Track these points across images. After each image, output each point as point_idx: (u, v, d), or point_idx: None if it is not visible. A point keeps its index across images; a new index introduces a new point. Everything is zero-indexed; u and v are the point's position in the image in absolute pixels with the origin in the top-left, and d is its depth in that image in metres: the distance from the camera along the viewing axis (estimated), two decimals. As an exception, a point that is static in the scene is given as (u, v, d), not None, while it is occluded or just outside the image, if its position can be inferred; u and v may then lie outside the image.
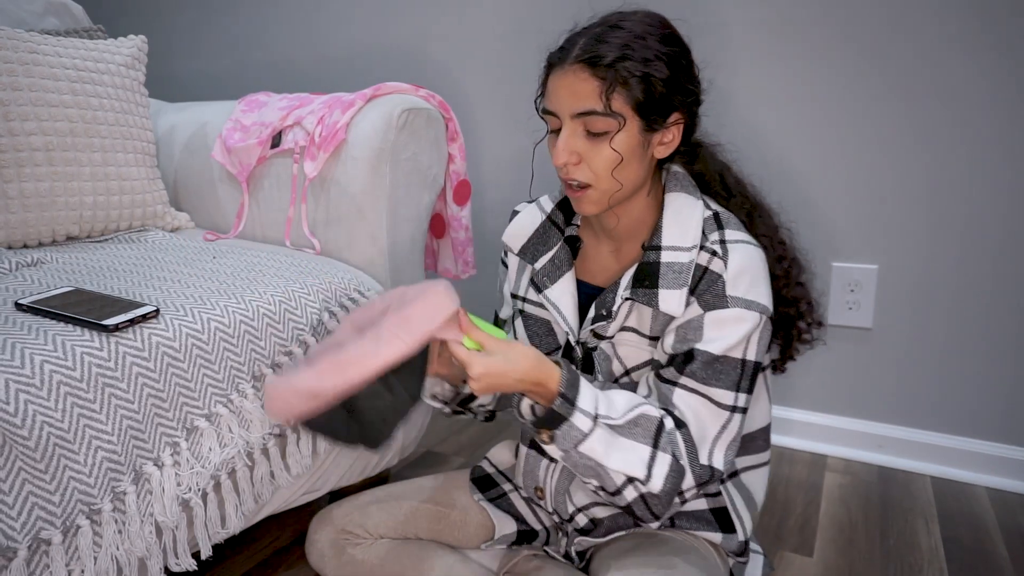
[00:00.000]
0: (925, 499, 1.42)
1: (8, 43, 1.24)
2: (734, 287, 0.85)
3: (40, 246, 1.26)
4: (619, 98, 0.82)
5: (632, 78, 0.81)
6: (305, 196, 1.33)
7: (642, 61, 0.82)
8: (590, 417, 0.80)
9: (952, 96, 1.41)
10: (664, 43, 0.84)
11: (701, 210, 0.90)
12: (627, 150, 0.85)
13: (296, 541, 1.30)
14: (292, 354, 1.03)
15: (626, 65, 0.81)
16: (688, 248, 0.87)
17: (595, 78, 0.82)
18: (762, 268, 0.88)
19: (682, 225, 0.89)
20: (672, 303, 0.86)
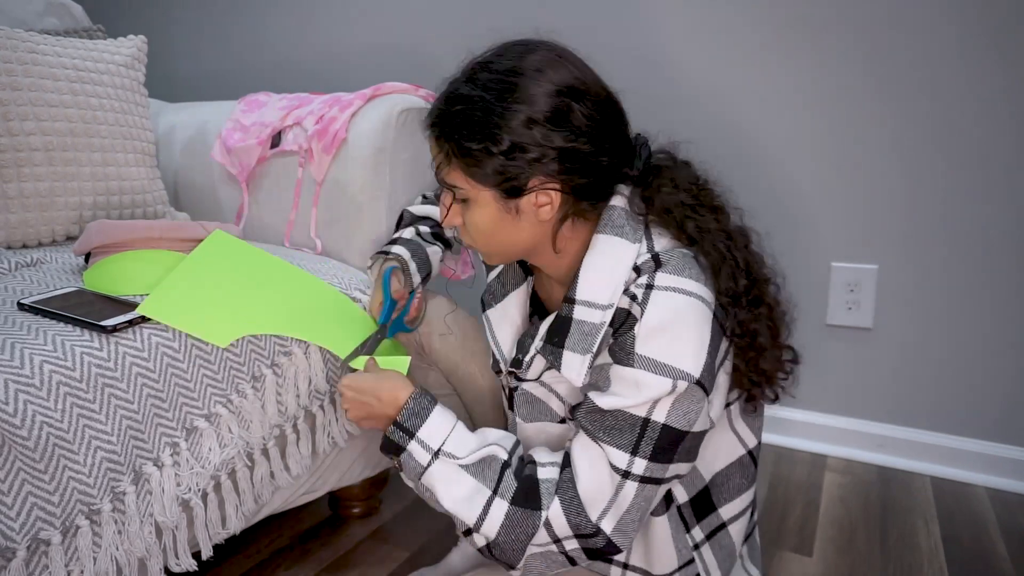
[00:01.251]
0: (925, 499, 1.42)
1: (8, 43, 1.23)
2: (644, 344, 0.73)
3: (40, 246, 1.26)
4: (454, 171, 0.77)
5: (461, 151, 0.75)
6: (316, 201, 1.33)
7: (474, 133, 0.73)
8: (429, 451, 0.77)
9: (952, 96, 1.41)
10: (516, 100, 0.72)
11: (633, 254, 0.77)
12: (489, 220, 0.78)
13: (296, 541, 1.30)
14: (291, 354, 1.03)
15: (456, 138, 0.75)
16: (604, 306, 0.76)
17: (437, 148, 0.78)
18: (696, 326, 0.74)
19: (601, 276, 0.77)
20: (573, 368, 0.77)
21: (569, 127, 0.74)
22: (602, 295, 0.76)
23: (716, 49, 1.59)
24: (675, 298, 0.74)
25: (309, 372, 1.05)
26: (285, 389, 1.02)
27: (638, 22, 1.65)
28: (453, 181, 0.78)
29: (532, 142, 0.73)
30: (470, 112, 0.74)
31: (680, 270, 0.76)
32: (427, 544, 1.28)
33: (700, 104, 1.62)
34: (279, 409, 1.01)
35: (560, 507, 0.76)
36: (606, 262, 0.77)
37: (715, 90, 1.60)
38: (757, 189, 1.60)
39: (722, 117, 1.60)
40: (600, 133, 0.76)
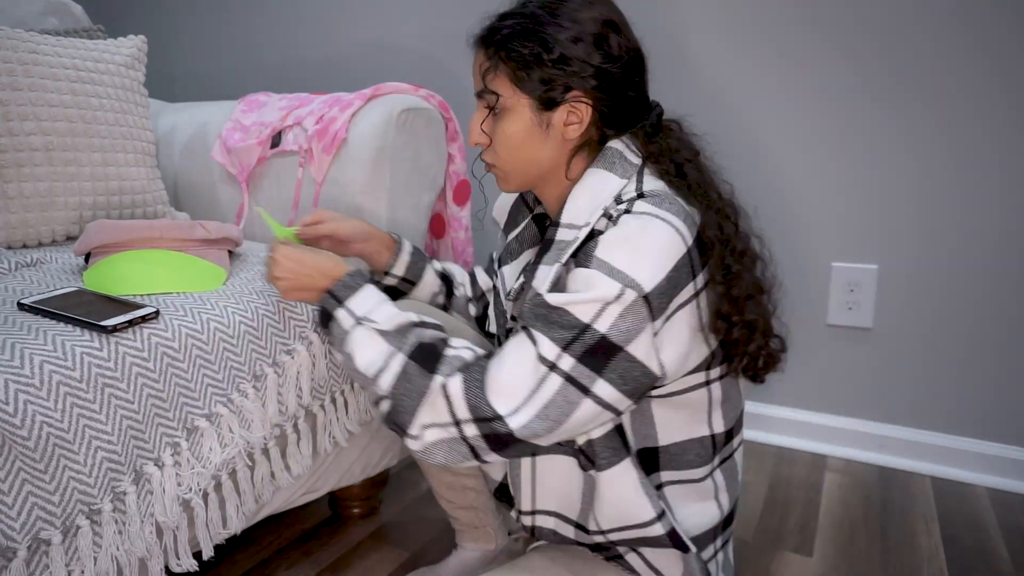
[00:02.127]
0: (925, 499, 1.42)
1: (8, 43, 1.23)
2: (605, 251, 0.75)
3: (40, 246, 1.26)
4: (499, 77, 0.83)
5: (511, 57, 0.81)
6: (317, 201, 1.33)
7: (527, 40, 0.81)
8: (353, 317, 0.84)
9: (953, 97, 1.42)
10: (565, 19, 0.81)
11: (617, 186, 0.81)
12: (521, 129, 0.84)
13: (296, 541, 1.30)
14: (293, 352, 1.03)
15: (509, 44, 0.81)
16: (579, 226, 0.81)
17: (484, 58, 0.84)
18: (659, 244, 0.75)
19: (584, 201, 0.82)
20: (541, 279, 0.82)
21: (607, 51, 0.82)
22: (580, 217, 0.81)
23: (716, 49, 1.59)
24: (648, 220, 0.76)
25: (311, 371, 1.05)
26: (286, 388, 1.02)
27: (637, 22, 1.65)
28: (496, 87, 0.83)
29: (576, 56, 0.81)
30: (524, 24, 0.81)
31: (660, 203, 0.78)
32: (427, 544, 1.28)
33: (700, 104, 1.62)
34: (280, 409, 1.01)
35: (461, 383, 0.77)
36: (590, 190, 0.83)
37: (715, 90, 1.60)
38: (757, 189, 1.61)
39: (722, 117, 1.60)
40: (630, 66, 0.84)
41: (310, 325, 1.06)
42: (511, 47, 0.81)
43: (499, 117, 0.85)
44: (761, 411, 1.69)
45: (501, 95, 0.84)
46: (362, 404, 1.17)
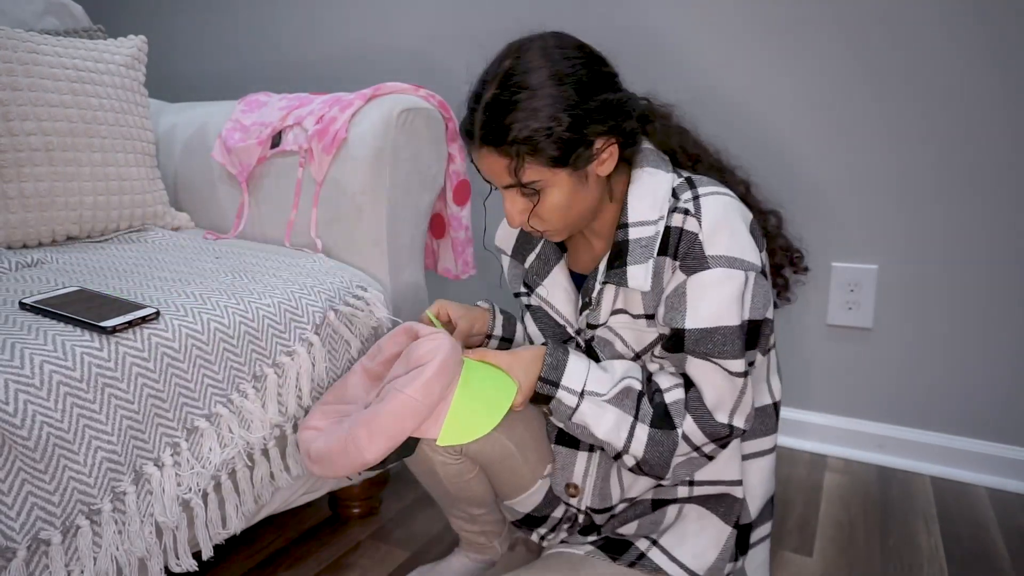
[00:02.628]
0: (925, 499, 1.42)
1: (8, 43, 1.24)
2: (712, 245, 0.83)
3: (40, 246, 1.26)
4: (531, 167, 0.83)
5: (538, 145, 0.81)
6: (317, 201, 1.33)
7: (542, 123, 0.81)
8: (575, 394, 0.87)
9: (952, 96, 1.41)
10: (559, 83, 0.82)
11: (669, 179, 0.89)
12: (566, 195, 0.86)
13: (296, 541, 1.30)
14: (293, 353, 1.03)
15: (527, 137, 0.81)
16: (654, 220, 0.86)
17: (503, 156, 0.83)
18: (740, 218, 0.85)
19: (647, 198, 0.88)
20: (638, 277, 0.86)
21: (602, 86, 0.85)
22: (651, 213, 0.87)
23: (715, 49, 1.59)
24: (720, 199, 0.85)
25: (311, 372, 1.05)
26: (286, 389, 1.02)
27: (638, 22, 1.65)
28: (530, 177, 0.84)
29: (585, 110, 0.82)
30: (524, 110, 0.81)
31: (711, 183, 0.88)
32: (427, 544, 1.28)
33: (700, 104, 1.62)
34: (280, 409, 1.01)
35: (694, 423, 0.86)
36: (648, 188, 0.88)
37: (715, 90, 1.60)
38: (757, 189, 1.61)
39: (722, 117, 1.60)
40: (615, 84, 0.88)
41: (310, 327, 1.06)
42: (531, 139, 0.81)
43: (541, 195, 0.86)
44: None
45: (536, 180, 0.84)
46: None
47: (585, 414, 0.87)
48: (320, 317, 1.08)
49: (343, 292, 1.14)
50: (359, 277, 1.20)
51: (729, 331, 0.84)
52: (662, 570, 0.92)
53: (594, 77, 0.84)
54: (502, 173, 0.85)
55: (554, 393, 0.88)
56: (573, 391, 0.88)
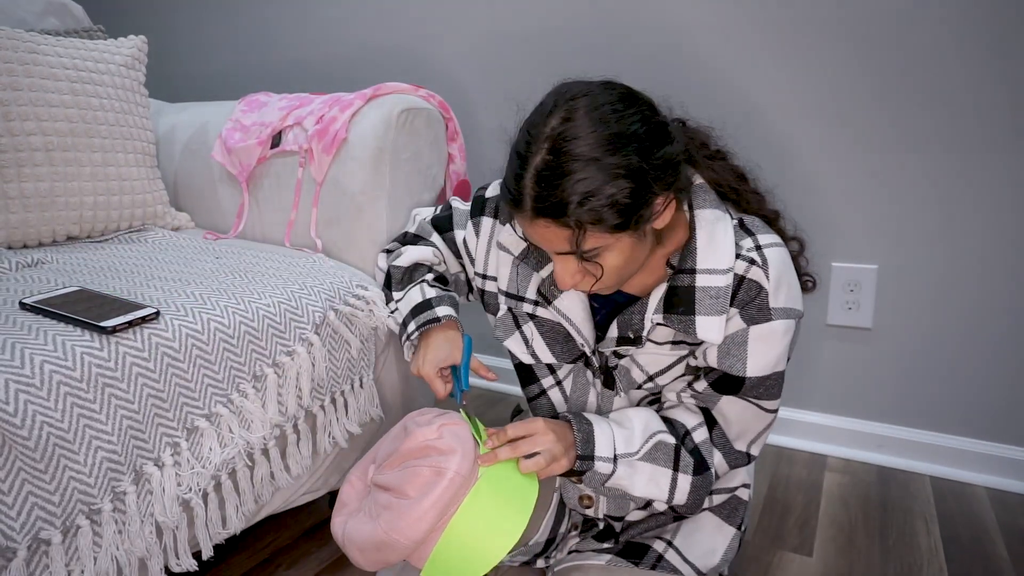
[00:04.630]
0: (925, 499, 1.42)
1: (8, 43, 1.24)
2: (776, 297, 0.85)
3: (40, 246, 1.26)
4: (594, 235, 0.78)
5: (599, 214, 0.76)
6: (317, 201, 1.33)
7: (604, 194, 0.75)
8: (610, 461, 0.88)
9: (952, 96, 1.41)
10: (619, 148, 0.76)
11: (730, 223, 0.88)
12: (625, 257, 0.82)
13: (296, 541, 1.30)
14: (293, 352, 1.03)
15: (587, 207, 0.76)
16: (725, 271, 0.85)
17: (561, 227, 0.78)
18: (792, 267, 0.89)
19: (716, 245, 0.85)
20: (712, 331, 0.85)
21: (658, 141, 0.80)
22: (722, 261, 0.85)
23: (715, 50, 1.59)
24: (780, 251, 0.87)
25: (311, 372, 1.05)
26: (286, 389, 1.02)
27: (637, 22, 1.65)
28: (591, 245, 0.79)
29: (645, 173, 0.77)
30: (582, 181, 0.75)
31: (765, 228, 0.90)
32: (427, 544, 1.28)
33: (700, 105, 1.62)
34: (280, 409, 1.01)
35: (722, 458, 0.91)
36: (718, 232, 0.87)
37: (714, 91, 1.60)
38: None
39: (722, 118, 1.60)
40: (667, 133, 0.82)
41: (310, 327, 1.06)
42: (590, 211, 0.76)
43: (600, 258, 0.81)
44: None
45: (599, 247, 0.80)
46: (362, 405, 1.17)
47: (621, 477, 0.89)
48: (320, 317, 1.08)
49: (343, 292, 1.14)
50: (359, 277, 1.20)
51: (779, 376, 0.89)
52: (678, 571, 0.95)
53: (650, 133, 0.79)
54: (559, 242, 0.80)
55: (591, 467, 0.88)
56: (607, 459, 0.88)
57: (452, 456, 0.83)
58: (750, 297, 0.85)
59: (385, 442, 0.95)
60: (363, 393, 1.17)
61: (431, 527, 0.81)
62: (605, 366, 0.96)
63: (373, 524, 0.84)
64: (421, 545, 0.82)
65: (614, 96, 0.79)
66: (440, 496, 0.81)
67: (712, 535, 0.98)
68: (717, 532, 0.98)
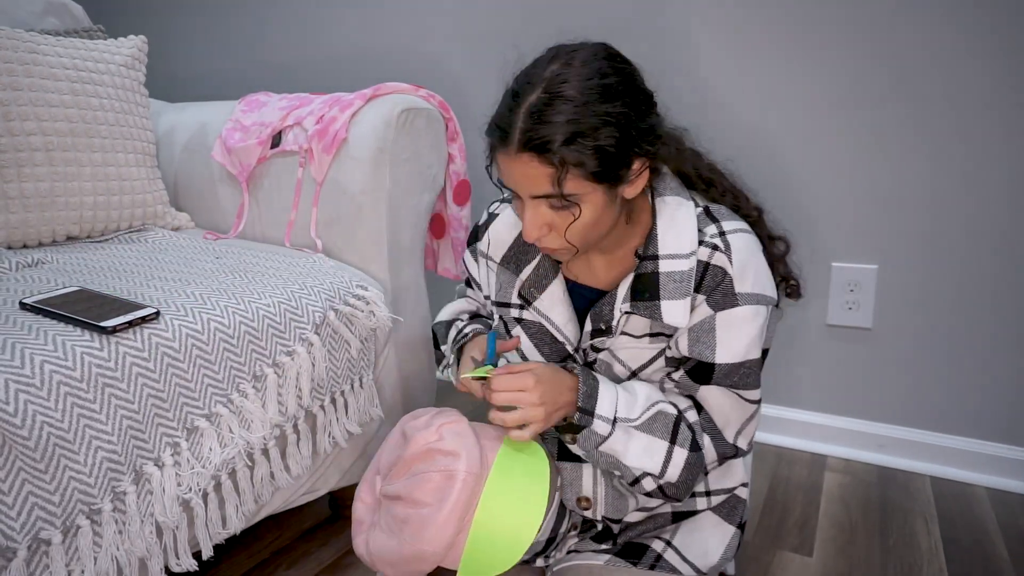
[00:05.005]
0: (925, 499, 1.42)
1: (8, 43, 1.24)
2: (742, 282, 0.85)
3: (40, 246, 1.26)
4: (574, 178, 0.78)
5: (583, 157, 0.77)
6: (317, 201, 1.33)
7: (590, 135, 0.77)
8: (609, 422, 0.87)
9: (952, 96, 1.41)
10: (610, 98, 0.78)
11: (692, 209, 0.89)
12: (597, 213, 0.82)
13: (296, 541, 1.30)
14: (293, 352, 1.03)
15: (574, 147, 0.76)
16: (687, 255, 0.86)
17: (545, 164, 0.78)
18: (761, 253, 0.88)
19: (678, 230, 0.87)
20: (676, 315, 0.86)
21: (647, 107, 0.83)
22: (684, 246, 0.86)
23: (715, 50, 1.59)
24: (745, 236, 0.87)
25: (311, 372, 1.05)
26: (286, 389, 1.02)
27: (636, 23, 1.65)
28: (570, 189, 0.79)
29: (632, 128, 0.79)
30: (572, 120, 0.77)
31: (729, 215, 0.89)
32: (427, 544, 1.28)
33: (699, 105, 1.62)
34: (280, 409, 1.01)
35: (711, 444, 0.90)
36: (676, 219, 0.88)
37: (715, 91, 1.60)
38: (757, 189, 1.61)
39: (722, 118, 1.60)
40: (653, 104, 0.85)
41: (310, 327, 1.06)
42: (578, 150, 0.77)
43: (569, 209, 0.81)
44: (761, 411, 1.69)
45: (574, 194, 0.79)
46: (362, 405, 1.17)
47: (616, 442, 0.87)
48: (320, 317, 1.08)
49: (343, 292, 1.14)
50: (359, 277, 1.20)
51: (753, 363, 0.88)
52: (677, 571, 0.95)
53: (642, 97, 0.82)
54: (540, 181, 0.79)
55: (589, 423, 0.86)
56: (607, 419, 0.86)
57: (459, 458, 0.83)
58: (715, 283, 0.85)
59: (386, 451, 0.94)
60: (363, 393, 1.17)
61: (456, 530, 0.82)
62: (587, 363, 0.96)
63: (398, 540, 0.84)
64: (451, 550, 0.83)
65: (614, 56, 0.84)
66: (457, 499, 0.82)
67: (711, 534, 0.97)
68: (716, 530, 0.98)
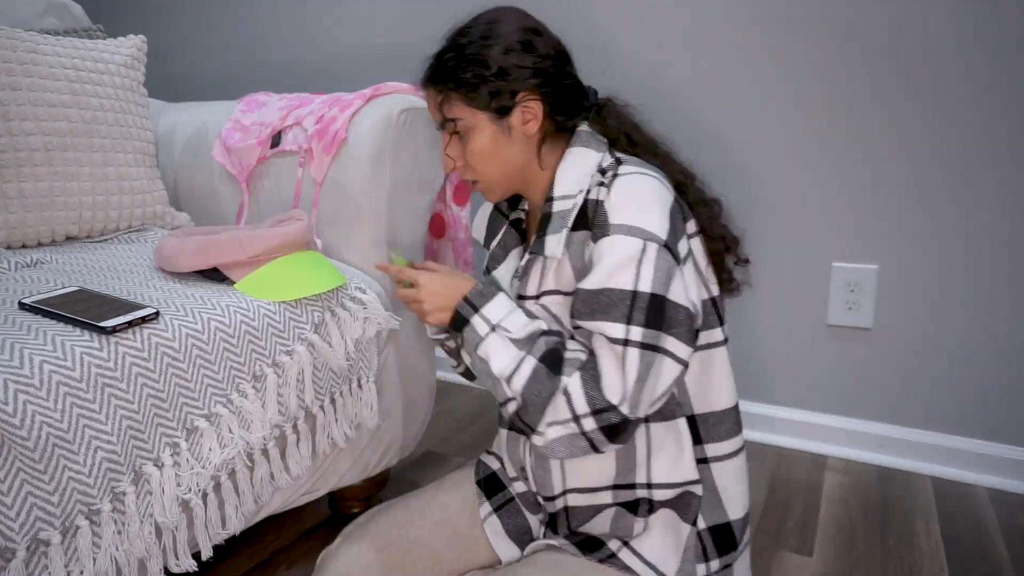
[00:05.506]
0: (925, 499, 1.42)
1: (8, 43, 1.23)
2: (617, 214, 0.84)
3: (40, 246, 1.26)
4: (455, 104, 0.92)
5: (460, 84, 0.91)
6: (316, 201, 1.33)
7: (468, 66, 0.90)
8: (488, 324, 0.89)
9: (952, 96, 1.41)
10: (493, 39, 0.91)
11: (598, 157, 0.91)
12: (488, 142, 0.92)
13: (296, 541, 1.30)
14: (293, 352, 1.03)
15: (454, 75, 0.91)
16: (574, 194, 0.89)
17: (436, 93, 0.94)
18: (656, 196, 0.85)
19: (573, 174, 0.91)
20: (552, 246, 0.89)
21: (536, 53, 0.92)
22: (572, 187, 0.90)
23: (715, 50, 1.59)
24: (639, 177, 0.86)
25: (311, 372, 1.05)
26: (286, 389, 1.02)
27: (636, 24, 1.65)
28: (454, 114, 0.92)
29: (511, 65, 0.90)
30: (461, 55, 0.91)
31: (640, 164, 0.90)
32: (427, 544, 1.28)
33: (699, 106, 1.62)
34: (280, 409, 1.01)
35: (580, 380, 0.83)
36: (575, 164, 0.92)
37: (715, 92, 1.60)
38: (758, 188, 1.61)
39: (722, 119, 1.60)
40: (560, 60, 0.94)
41: (309, 327, 1.06)
42: (457, 76, 0.91)
43: (465, 138, 0.93)
44: (761, 411, 1.69)
45: (460, 119, 0.92)
46: (362, 406, 1.17)
47: (489, 346, 0.88)
48: (319, 317, 1.08)
49: (342, 292, 1.14)
50: (358, 277, 1.20)
51: (617, 295, 0.82)
52: (632, 570, 0.91)
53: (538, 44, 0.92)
54: (434, 110, 0.95)
55: (470, 316, 0.91)
56: (488, 321, 0.90)
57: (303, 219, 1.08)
58: (593, 215, 0.86)
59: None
60: (363, 394, 1.17)
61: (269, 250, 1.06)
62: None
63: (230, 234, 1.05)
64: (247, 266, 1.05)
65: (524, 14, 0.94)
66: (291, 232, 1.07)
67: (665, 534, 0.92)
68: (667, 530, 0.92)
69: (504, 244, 1.04)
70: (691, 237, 0.90)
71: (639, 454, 0.92)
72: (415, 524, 1.02)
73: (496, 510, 1.04)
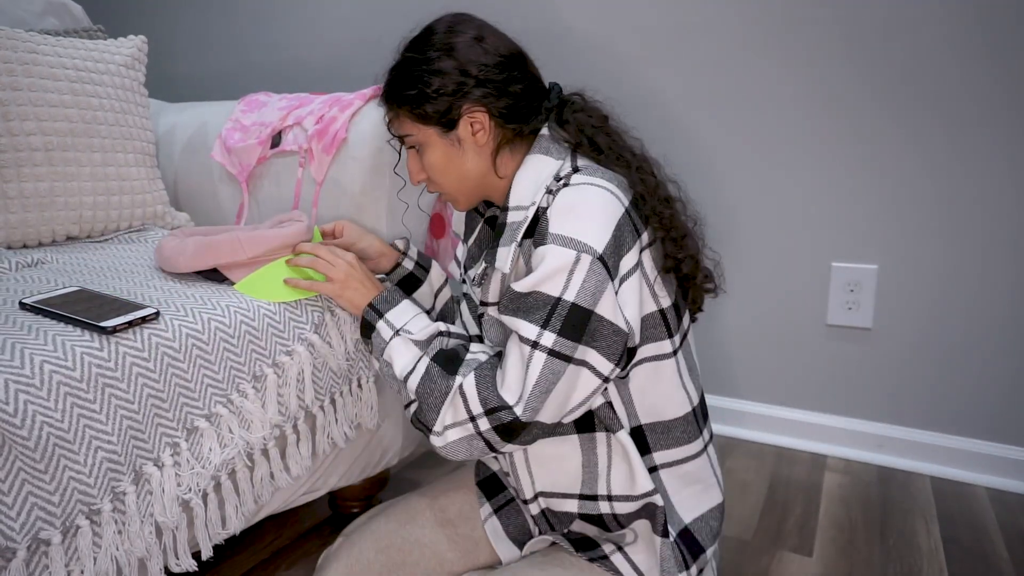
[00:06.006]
0: (925, 499, 1.42)
1: (8, 43, 1.24)
2: (557, 224, 0.82)
3: (40, 246, 1.26)
4: (404, 121, 0.94)
5: (403, 101, 0.93)
6: (316, 201, 1.33)
7: (411, 82, 0.91)
8: (392, 328, 0.92)
9: (952, 97, 1.42)
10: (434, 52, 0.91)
11: (555, 167, 0.89)
12: (440, 156, 0.94)
13: (296, 541, 1.30)
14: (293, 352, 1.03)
15: (399, 93, 0.93)
16: (527, 206, 0.88)
17: (388, 110, 0.97)
18: (600, 207, 0.82)
19: (528, 183, 0.90)
20: (502, 258, 0.89)
21: (479, 63, 0.90)
22: (526, 198, 0.89)
23: (715, 50, 1.59)
24: (585, 188, 0.84)
25: (311, 372, 1.05)
26: (286, 389, 1.02)
27: (636, 24, 1.65)
28: (405, 130, 0.95)
29: (452, 77, 0.90)
30: (405, 71, 0.93)
31: (593, 173, 0.87)
32: (427, 544, 1.28)
33: (699, 106, 1.62)
34: (280, 409, 1.01)
35: (474, 379, 0.84)
36: (532, 174, 0.90)
37: (715, 92, 1.60)
38: (757, 190, 1.61)
39: (722, 119, 1.60)
40: (506, 66, 0.92)
41: (309, 327, 1.06)
42: (402, 94, 0.93)
43: (421, 153, 0.95)
44: (761, 411, 1.69)
45: (411, 135, 0.94)
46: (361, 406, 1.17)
47: (393, 349, 0.91)
48: (319, 317, 1.08)
49: (343, 292, 1.14)
50: (359, 277, 1.20)
51: (541, 298, 0.81)
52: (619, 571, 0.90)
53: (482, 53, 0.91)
54: (393, 126, 0.98)
55: (375, 321, 0.93)
56: (392, 325, 0.93)
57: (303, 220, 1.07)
58: (538, 226, 0.85)
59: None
60: (362, 394, 1.17)
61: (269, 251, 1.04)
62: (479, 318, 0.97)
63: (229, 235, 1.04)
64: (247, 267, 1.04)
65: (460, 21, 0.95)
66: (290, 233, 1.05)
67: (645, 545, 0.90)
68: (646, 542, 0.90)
69: (479, 242, 1.05)
70: (644, 249, 0.87)
71: (600, 464, 0.89)
72: (415, 524, 1.02)
73: (496, 511, 1.04)
